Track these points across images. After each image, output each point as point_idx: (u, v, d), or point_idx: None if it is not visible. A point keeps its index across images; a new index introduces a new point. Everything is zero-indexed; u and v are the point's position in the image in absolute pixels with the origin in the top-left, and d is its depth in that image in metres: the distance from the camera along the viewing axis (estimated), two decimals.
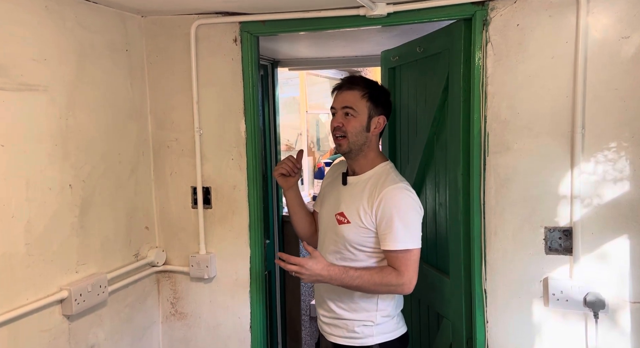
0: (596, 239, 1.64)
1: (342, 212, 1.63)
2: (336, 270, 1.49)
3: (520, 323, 1.75)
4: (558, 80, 1.65)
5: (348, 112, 1.60)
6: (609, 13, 1.58)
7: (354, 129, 1.59)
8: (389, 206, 1.53)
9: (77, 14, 1.74)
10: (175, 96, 2.10)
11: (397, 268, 1.53)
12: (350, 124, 1.60)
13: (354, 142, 1.61)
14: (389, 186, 1.56)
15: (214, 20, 2.01)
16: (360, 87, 1.62)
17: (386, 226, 1.54)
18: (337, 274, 1.49)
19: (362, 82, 1.64)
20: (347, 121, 1.60)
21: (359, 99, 1.60)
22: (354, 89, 1.61)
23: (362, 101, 1.60)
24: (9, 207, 1.50)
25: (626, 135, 1.59)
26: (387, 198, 1.54)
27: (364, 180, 1.65)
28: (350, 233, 1.59)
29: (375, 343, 1.63)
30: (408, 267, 1.53)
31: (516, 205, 1.73)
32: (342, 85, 1.64)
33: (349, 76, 1.68)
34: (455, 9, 1.75)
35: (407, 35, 2.39)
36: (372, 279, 1.51)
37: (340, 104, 1.62)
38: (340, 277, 1.50)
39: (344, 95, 1.62)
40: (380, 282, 1.51)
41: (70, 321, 1.73)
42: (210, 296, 2.16)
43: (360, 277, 1.51)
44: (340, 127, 1.60)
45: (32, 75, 1.57)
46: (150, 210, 2.15)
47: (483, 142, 1.75)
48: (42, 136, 1.61)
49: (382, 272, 1.53)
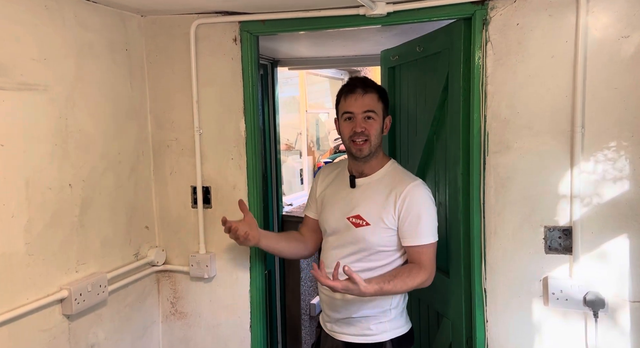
0: (596, 238, 1.64)
1: (358, 214, 1.61)
2: (372, 290, 1.45)
3: (520, 322, 1.76)
4: (558, 80, 1.65)
5: (370, 115, 1.60)
6: (608, 12, 1.58)
7: (376, 132, 1.62)
8: (413, 203, 1.56)
9: (77, 13, 1.74)
10: (175, 96, 2.10)
11: (421, 262, 1.55)
12: (373, 128, 1.61)
13: (374, 144, 1.62)
14: (410, 184, 1.59)
15: (214, 19, 2.01)
16: (374, 89, 1.63)
17: (412, 222, 1.56)
18: (373, 292, 1.46)
19: (373, 84, 1.65)
20: (369, 125, 1.61)
21: (376, 101, 1.62)
22: (370, 91, 1.62)
23: (379, 104, 1.63)
24: (8, 206, 1.50)
25: (626, 135, 1.59)
26: (411, 195, 1.57)
27: (375, 180, 1.65)
28: (373, 235, 1.59)
29: (387, 338, 1.63)
30: (432, 260, 1.58)
31: (516, 205, 1.73)
32: (356, 88, 1.62)
33: (357, 78, 1.66)
34: (454, 8, 1.75)
35: (406, 34, 2.39)
36: (405, 285, 1.52)
37: (361, 109, 1.60)
38: (376, 293, 1.48)
39: (364, 99, 1.60)
40: (412, 284, 1.53)
41: (70, 320, 1.73)
42: (210, 295, 2.16)
43: (394, 287, 1.50)
44: (363, 131, 1.60)
45: (32, 75, 1.57)
46: (150, 209, 2.15)
47: (483, 141, 1.75)
48: (41, 136, 1.61)
49: (410, 275, 1.53)
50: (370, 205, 1.60)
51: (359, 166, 1.68)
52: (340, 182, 1.74)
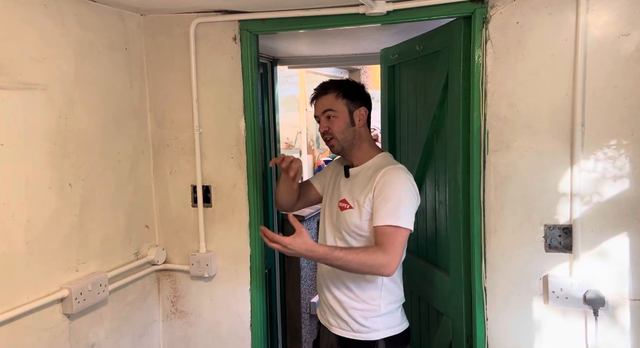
0: (596, 237, 1.64)
1: (344, 198, 1.68)
2: (321, 251, 1.48)
3: (520, 320, 1.76)
4: (558, 78, 1.65)
5: (329, 115, 1.68)
6: (608, 10, 1.58)
7: (339, 128, 1.68)
8: (386, 183, 1.58)
9: (76, 12, 1.74)
10: (174, 95, 2.10)
11: (382, 245, 1.52)
12: (335, 125, 1.68)
13: (343, 139, 1.68)
14: (387, 167, 1.62)
15: (214, 18, 2.00)
16: (332, 89, 1.70)
17: (381, 201, 1.57)
18: (322, 254, 1.49)
19: (333, 84, 1.72)
20: (331, 123, 1.68)
21: (334, 99, 1.68)
22: (327, 92, 1.70)
23: (338, 101, 1.68)
24: (8, 206, 1.50)
25: (626, 133, 1.59)
26: (385, 176, 1.59)
27: (365, 168, 1.70)
28: (352, 217, 1.63)
29: (380, 338, 1.64)
30: (394, 245, 1.51)
31: (516, 203, 1.73)
32: (317, 93, 1.73)
33: (320, 83, 1.76)
34: (454, 7, 1.75)
35: (406, 33, 2.38)
36: (357, 257, 1.49)
37: (320, 110, 1.71)
38: (325, 256, 1.49)
39: (321, 101, 1.71)
40: (365, 260, 1.49)
41: (71, 320, 1.73)
42: (210, 294, 2.16)
43: (345, 257, 1.49)
44: (327, 130, 1.69)
45: (31, 74, 1.57)
46: (150, 208, 2.15)
47: (483, 140, 1.75)
48: (41, 135, 1.61)
49: (367, 251, 1.51)
50: (355, 190, 1.66)
51: (349, 160, 1.75)
52: (339, 176, 1.80)
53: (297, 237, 1.48)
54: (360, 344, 1.65)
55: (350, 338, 1.67)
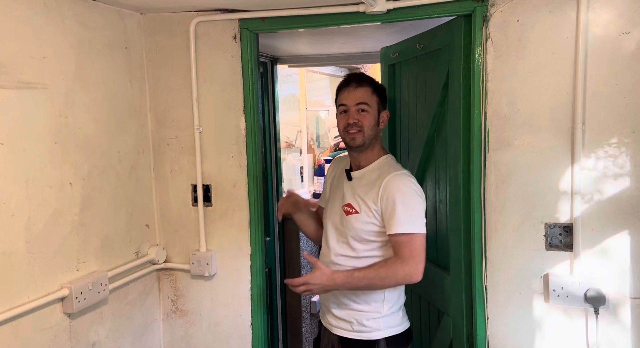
0: (597, 235, 1.64)
1: (349, 202, 1.66)
2: (341, 276, 1.51)
3: (520, 319, 1.76)
4: (558, 76, 1.65)
5: (363, 108, 1.65)
6: (609, 8, 1.58)
7: (369, 123, 1.65)
8: (392, 191, 1.58)
9: (76, 11, 1.73)
10: (174, 93, 2.10)
11: (401, 254, 1.54)
12: (366, 119, 1.65)
13: (368, 136, 1.66)
14: (391, 174, 1.61)
15: (214, 17, 2.00)
16: (368, 83, 1.68)
17: (390, 211, 1.57)
18: (343, 279, 1.51)
19: (368, 78, 1.70)
20: (363, 117, 1.65)
21: (370, 94, 1.66)
22: (364, 85, 1.67)
23: (373, 97, 1.67)
24: (9, 205, 1.50)
25: (627, 131, 1.59)
26: (390, 184, 1.59)
27: (368, 172, 1.69)
28: (359, 222, 1.62)
29: (381, 337, 1.64)
30: (413, 252, 1.53)
31: (516, 202, 1.73)
32: (350, 82, 1.68)
33: (353, 73, 1.72)
34: (455, 5, 1.75)
35: (406, 31, 2.38)
36: (378, 274, 1.52)
37: (353, 101, 1.66)
38: (347, 280, 1.52)
39: (357, 92, 1.66)
40: (387, 274, 1.52)
41: (71, 319, 1.73)
42: (211, 293, 2.16)
43: (366, 276, 1.52)
44: (356, 123, 1.65)
45: (31, 73, 1.57)
46: (151, 207, 2.15)
47: (483, 138, 1.75)
48: (41, 134, 1.61)
49: (386, 264, 1.53)
50: (360, 194, 1.65)
51: (355, 158, 1.73)
52: (341, 176, 1.78)
53: (315, 271, 1.50)
54: (362, 344, 1.65)
55: (352, 338, 1.67)
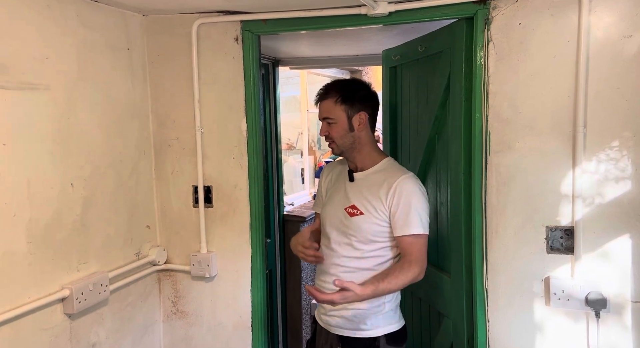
0: (598, 238, 1.64)
1: (353, 204, 1.67)
2: (369, 292, 1.51)
3: (521, 322, 1.75)
4: (560, 79, 1.65)
5: (329, 121, 1.69)
6: (611, 12, 1.58)
7: (337, 134, 1.69)
8: (404, 194, 1.60)
9: (79, 12, 1.74)
10: (176, 95, 2.10)
11: (411, 253, 1.57)
12: (333, 130, 1.69)
13: (342, 144, 1.70)
14: (402, 176, 1.63)
15: (216, 19, 2.01)
16: (332, 93, 1.69)
17: (403, 212, 1.59)
18: (370, 293, 1.52)
19: (334, 87, 1.71)
20: (331, 128, 1.69)
21: (332, 106, 1.68)
22: (327, 97, 1.70)
23: (336, 107, 1.68)
24: (10, 205, 1.50)
25: (628, 134, 1.59)
26: (402, 186, 1.61)
27: (371, 173, 1.70)
28: (365, 224, 1.63)
29: (381, 334, 1.65)
30: (422, 252, 1.59)
31: (518, 204, 1.72)
32: (318, 97, 1.73)
33: (323, 86, 1.75)
34: (456, 8, 1.75)
35: (408, 34, 2.38)
36: (400, 282, 1.55)
37: (320, 116, 1.72)
38: (374, 294, 1.53)
39: (321, 106, 1.71)
40: (405, 280, 1.55)
41: (72, 320, 1.73)
42: (211, 295, 2.16)
43: (389, 286, 1.54)
44: (327, 135, 1.71)
45: (34, 74, 1.57)
46: (152, 208, 2.15)
47: (484, 141, 1.75)
48: (43, 135, 1.61)
49: (402, 270, 1.56)
50: (365, 196, 1.66)
51: (351, 162, 1.76)
52: (341, 178, 1.79)
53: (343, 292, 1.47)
54: (363, 341, 1.65)
55: (352, 336, 1.67)
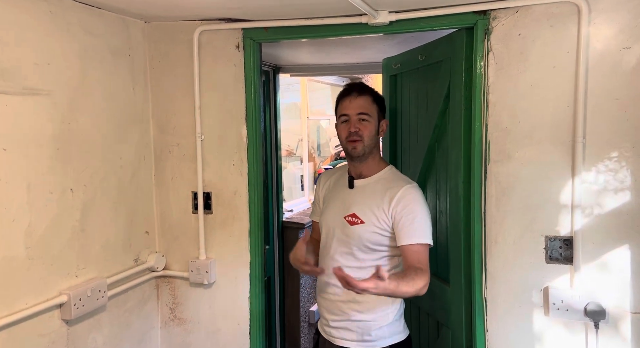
0: (597, 249, 1.64)
1: (353, 213, 1.65)
2: (392, 288, 1.42)
3: (520, 332, 1.75)
4: (559, 90, 1.66)
5: (364, 118, 1.65)
6: (610, 24, 1.59)
7: (369, 133, 1.66)
8: (408, 203, 1.58)
9: (81, 19, 1.75)
10: (177, 101, 2.11)
11: (419, 261, 1.54)
12: (366, 129, 1.65)
13: (368, 145, 1.67)
14: (405, 186, 1.62)
15: (217, 26, 2.02)
16: (369, 92, 1.69)
17: (407, 221, 1.57)
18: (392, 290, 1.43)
19: (368, 88, 1.71)
20: (363, 126, 1.66)
21: (370, 104, 1.67)
22: (365, 94, 1.67)
23: (373, 106, 1.67)
24: (9, 210, 1.50)
25: (627, 145, 1.59)
26: (406, 196, 1.59)
27: (373, 182, 1.68)
28: (366, 233, 1.61)
29: (387, 345, 1.63)
30: (427, 261, 1.57)
31: (517, 214, 1.73)
32: (351, 91, 1.69)
33: (354, 83, 1.73)
34: (457, 17, 1.76)
35: (408, 43, 2.40)
36: (415, 286, 1.47)
37: (355, 110, 1.66)
38: (394, 292, 1.45)
39: (358, 101, 1.66)
40: (418, 286, 1.48)
41: (69, 326, 1.72)
42: (209, 302, 2.16)
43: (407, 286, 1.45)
44: (357, 132, 1.65)
45: (36, 80, 1.58)
46: (151, 214, 2.15)
47: (484, 150, 1.75)
48: (44, 140, 1.62)
49: (417, 275, 1.49)
50: (366, 204, 1.64)
51: (357, 168, 1.72)
52: (340, 185, 1.77)
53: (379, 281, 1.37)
54: None
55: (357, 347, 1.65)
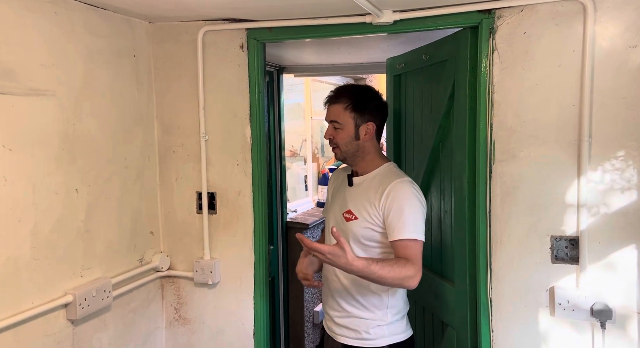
0: (603, 248, 1.63)
1: (349, 209, 1.66)
2: (360, 265, 1.43)
3: (525, 332, 1.74)
4: (565, 89, 1.65)
5: (335, 125, 1.67)
6: (616, 22, 1.58)
7: (342, 140, 1.67)
8: (397, 198, 1.57)
9: (86, 20, 1.75)
10: (181, 101, 2.11)
11: (406, 255, 1.53)
12: (339, 136, 1.67)
13: (345, 151, 1.68)
14: (396, 180, 1.61)
15: (221, 26, 2.02)
16: (344, 99, 1.67)
17: (395, 216, 1.56)
18: (360, 268, 1.44)
19: (346, 93, 1.68)
20: (336, 133, 1.68)
21: (342, 111, 1.66)
22: (338, 102, 1.67)
23: (345, 113, 1.65)
24: (15, 210, 1.51)
25: (633, 144, 1.58)
26: (395, 190, 1.58)
27: (369, 179, 1.69)
28: (359, 228, 1.63)
29: (386, 344, 1.64)
30: (417, 257, 1.54)
31: (522, 214, 1.72)
32: (328, 99, 1.71)
33: (336, 88, 1.73)
34: (461, 17, 1.75)
35: (413, 42, 2.39)
36: (392, 272, 1.47)
37: (328, 118, 1.70)
38: (363, 270, 1.45)
39: (331, 109, 1.69)
40: (399, 273, 1.48)
41: (75, 325, 1.73)
42: (214, 302, 2.16)
43: (380, 271, 1.46)
44: (331, 139, 1.69)
45: (41, 80, 1.59)
46: (155, 215, 2.16)
47: (489, 150, 1.74)
48: (49, 140, 1.62)
49: (398, 263, 1.50)
50: (360, 200, 1.65)
51: (353, 167, 1.75)
52: (343, 183, 1.79)
53: (338, 248, 1.40)
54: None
55: (356, 345, 1.66)
